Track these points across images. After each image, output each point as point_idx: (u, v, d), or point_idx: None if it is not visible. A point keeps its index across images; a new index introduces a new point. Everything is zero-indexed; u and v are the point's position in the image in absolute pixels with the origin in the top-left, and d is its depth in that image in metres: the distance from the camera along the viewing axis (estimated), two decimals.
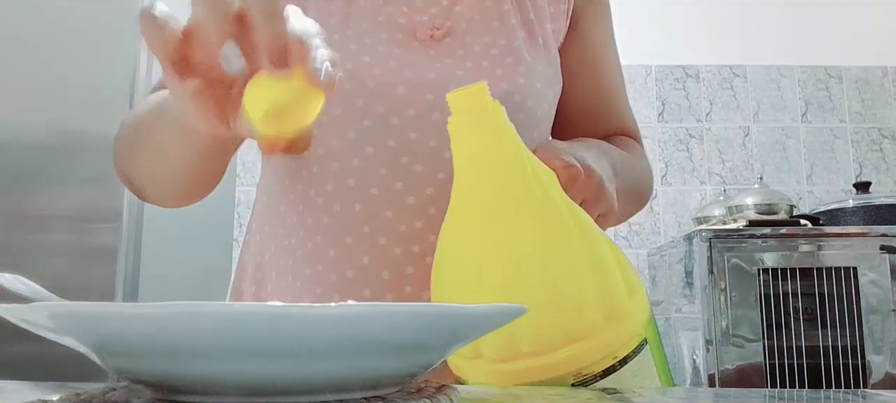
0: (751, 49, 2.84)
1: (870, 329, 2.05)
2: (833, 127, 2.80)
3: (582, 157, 0.54)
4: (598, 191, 0.55)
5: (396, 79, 0.64)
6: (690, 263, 2.20)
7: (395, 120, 0.63)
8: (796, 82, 2.83)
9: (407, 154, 0.63)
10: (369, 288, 0.61)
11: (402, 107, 0.63)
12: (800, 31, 2.84)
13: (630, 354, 0.46)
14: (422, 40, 0.67)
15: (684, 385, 2.23)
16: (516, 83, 0.66)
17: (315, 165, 0.65)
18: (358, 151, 0.63)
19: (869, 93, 2.81)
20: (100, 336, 0.28)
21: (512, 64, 0.67)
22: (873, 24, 2.84)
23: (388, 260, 0.61)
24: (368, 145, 0.63)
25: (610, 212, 0.58)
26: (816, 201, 2.71)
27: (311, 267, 0.64)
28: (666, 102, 2.81)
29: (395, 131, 0.63)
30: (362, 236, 0.62)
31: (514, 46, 0.68)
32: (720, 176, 2.76)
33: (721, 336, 2.04)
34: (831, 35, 2.84)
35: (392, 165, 0.63)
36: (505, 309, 0.33)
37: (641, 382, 0.47)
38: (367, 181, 0.63)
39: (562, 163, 0.51)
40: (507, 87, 0.65)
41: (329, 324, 0.27)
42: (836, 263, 2.09)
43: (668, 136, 2.79)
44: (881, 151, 2.78)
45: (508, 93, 0.65)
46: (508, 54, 0.67)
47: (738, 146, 2.78)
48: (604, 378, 0.45)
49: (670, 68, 2.83)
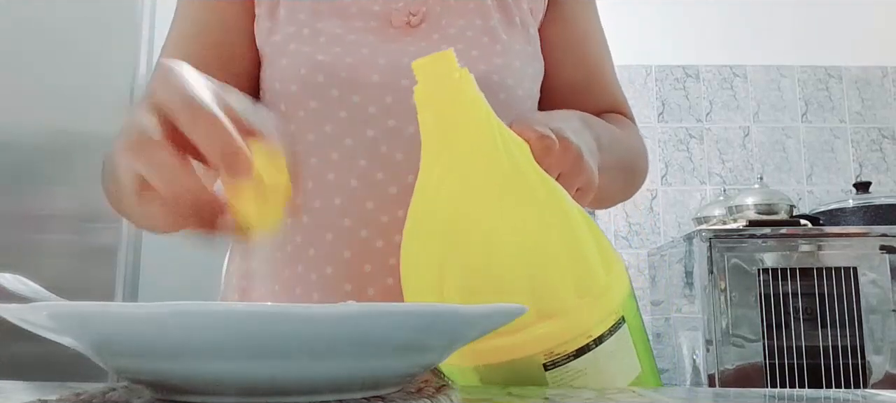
0: (751, 49, 2.84)
1: (870, 329, 2.05)
2: (833, 127, 2.80)
3: (559, 128, 0.51)
4: (576, 164, 0.51)
5: (370, 67, 0.63)
6: (690, 263, 2.20)
7: (371, 109, 0.62)
8: (796, 82, 2.83)
9: (386, 143, 0.62)
10: (350, 282, 0.60)
11: (378, 95, 0.62)
12: (800, 31, 2.84)
13: (605, 333, 0.43)
14: (398, 27, 0.66)
15: (684, 385, 2.23)
16: (494, 63, 0.65)
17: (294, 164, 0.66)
18: (336, 144, 0.62)
19: (869, 93, 2.82)
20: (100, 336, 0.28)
21: (488, 43, 0.66)
22: (873, 24, 2.85)
23: (369, 252, 0.60)
24: (347, 137, 0.62)
25: (589, 186, 0.53)
26: (816, 201, 2.71)
27: (290, 269, 0.63)
28: (666, 102, 2.81)
29: (373, 120, 0.62)
30: (343, 230, 0.61)
31: (489, 26, 0.67)
32: (720, 176, 2.76)
33: (721, 336, 2.04)
34: (831, 35, 2.84)
35: (372, 155, 0.62)
36: (505, 309, 0.33)
37: (618, 364, 0.45)
38: (346, 173, 0.62)
39: (535, 133, 0.48)
40: (485, 68, 0.64)
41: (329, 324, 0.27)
42: (836, 263, 2.09)
43: (668, 136, 2.79)
44: (881, 151, 2.78)
45: (486, 73, 0.64)
46: (484, 34, 0.66)
47: (738, 146, 2.78)
48: (577, 358, 0.43)
49: (670, 68, 2.83)
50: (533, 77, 0.69)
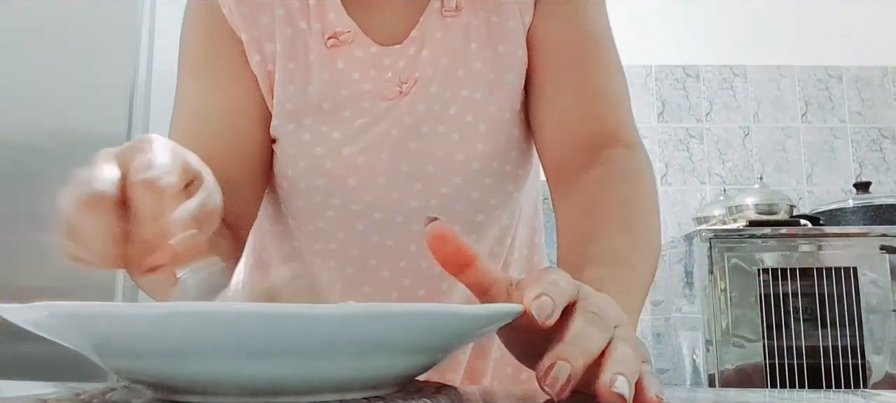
0: (751, 49, 2.84)
1: (870, 329, 2.05)
2: (833, 127, 2.80)
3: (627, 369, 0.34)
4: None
5: (348, 169, 0.63)
6: (690, 263, 2.20)
7: (354, 207, 0.64)
8: (796, 82, 2.83)
9: (376, 233, 0.65)
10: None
11: (358, 195, 0.64)
12: (800, 31, 2.84)
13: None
14: (390, 99, 0.64)
15: (684, 385, 2.23)
16: (474, 149, 0.64)
17: (304, 245, 0.68)
18: (331, 237, 0.66)
19: (869, 93, 2.82)
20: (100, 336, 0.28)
21: (471, 123, 0.64)
22: (873, 24, 2.84)
23: None
24: (338, 231, 0.65)
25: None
26: (816, 201, 2.71)
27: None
28: (666, 102, 2.81)
29: (358, 216, 0.64)
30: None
31: (475, 100, 0.64)
32: (720, 176, 2.76)
33: (721, 336, 2.04)
34: (831, 35, 2.84)
35: (363, 245, 0.65)
36: (505, 309, 0.33)
37: None
38: (343, 261, 0.66)
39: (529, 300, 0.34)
40: (463, 157, 0.64)
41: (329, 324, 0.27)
42: (836, 263, 2.09)
43: (668, 136, 2.79)
44: (881, 151, 2.78)
45: (465, 161, 0.64)
46: (469, 112, 0.64)
47: (738, 146, 2.78)
48: None
49: (670, 68, 2.83)
50: (518, 124, 0.67)
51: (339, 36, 0.64)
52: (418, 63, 0.64)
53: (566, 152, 0.64)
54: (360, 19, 0.64)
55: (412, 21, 0.65)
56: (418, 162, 0.63)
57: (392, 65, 0.64)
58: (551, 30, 0.66)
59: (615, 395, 0.31)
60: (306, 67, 0.64)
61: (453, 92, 0.64)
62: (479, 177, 0.65)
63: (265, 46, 0.64)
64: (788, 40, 2.84)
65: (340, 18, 0.64)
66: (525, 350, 0.39)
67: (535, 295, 0.33)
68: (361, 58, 0.64)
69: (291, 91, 0.64)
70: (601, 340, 0.34)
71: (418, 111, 0.63)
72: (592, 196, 0.60)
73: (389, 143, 0.63)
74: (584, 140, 0.63)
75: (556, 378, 0.31)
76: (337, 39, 0.64)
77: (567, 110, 0.65)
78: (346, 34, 0.64)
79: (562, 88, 0.65)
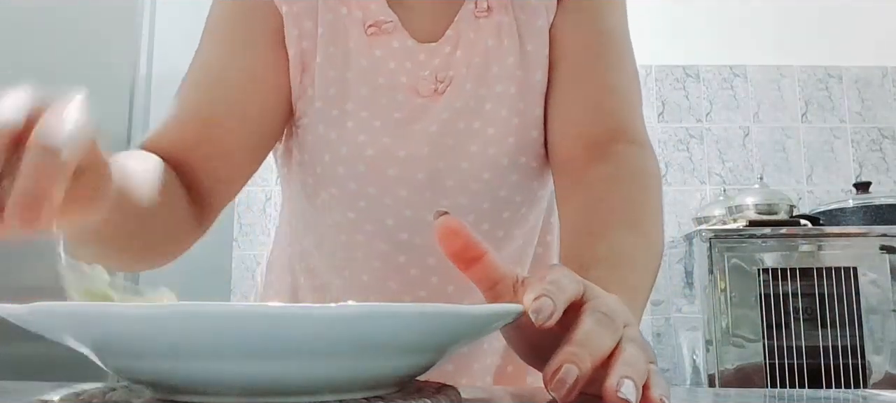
0: (751, 49, 2.84)
1: (870, 329, 2.05)
2: (833, 127, 2.80)
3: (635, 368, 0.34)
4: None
5: (388, 160, 0.64)
6: (690, 263, 2.20)
7: (387, 200, 0.64)
8: (796, 82, 2.83)
9: (405, 230, 0.65)
10: None
11: (393, 188, 0.64)
12: (800, 31, 2.84)
13: None
14: (425, 96, 0.65)
15: (684, 385, 2.23)
16: (506, 143, 0.65)
17: (326, 236, 0.68)
18: (359, 228, 0.66)
19: (869, 93, 2.81)
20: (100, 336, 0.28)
21: (506, 117, 0.65)
22: (873, 24, 2.84)
23: None
24: (367, 223, 0.65)
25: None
26: (816, 201, 2.70)
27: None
28: (666, 102, 2.81)
29: (389, 210, 0.65)
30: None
31: (509, 93, 0.65)
32: (720, 176, 2.76)
33: (721, 336, 2.04)
34: (831, 35, 2.84)
35: (392, 241, 0.65)
36: (505, 310, 0.33)
37: None
38: (370, 254, 0.66)
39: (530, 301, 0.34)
40: (494, 152, 0.65)
41: (329, 324, 0.27)
42: (836, 263, 2.08)
43: (668, 136, 2.79)
44: (881, 151, 2.78)
45: (495, 156, 0.65)
46: (503, 106, 0.65)
47: (738, 146, 2.78)
48: None
49: (670, 68, 2.83)
50: (539, 120, 0.67)
51: (382, 25, 0.65)
52: (452, 62, 0.65)
53: (575, 145, 0.64)
54: (398, 12, 0.66)
55: (447, 20, 0.66)
56: (454, 158, 0.65)
57: (428, 61, 0.65)
58: (570, 26, 0.67)
59: (621, 400, 0.31)
60: (346, 54, 0.65)
61: (488, 88, 0.65)
62: (507, 173, 0.66)
63: (304, 23, 0.64)
64: (788, 40, 2.84)
65: (382, 8, 0.65)
66: (530, 351, 0.39)
67: (534, 296, 0.33)
68: (398, 49, 0.65)
69: (332, 76, 0.64)
70: (611, 341, 0.34)
71: (455, 107, 0.65)
72: (599, 192, 0.59)
73: (428, 139, 0.64)
74: (593, 134, 0.63)
75: (564, 380, 0.31)
76: (378, 28, 0.65)
77: (578, 103, 0.65)
78: (389, 24, 0.65)
79: (574, 82, 0.66)
